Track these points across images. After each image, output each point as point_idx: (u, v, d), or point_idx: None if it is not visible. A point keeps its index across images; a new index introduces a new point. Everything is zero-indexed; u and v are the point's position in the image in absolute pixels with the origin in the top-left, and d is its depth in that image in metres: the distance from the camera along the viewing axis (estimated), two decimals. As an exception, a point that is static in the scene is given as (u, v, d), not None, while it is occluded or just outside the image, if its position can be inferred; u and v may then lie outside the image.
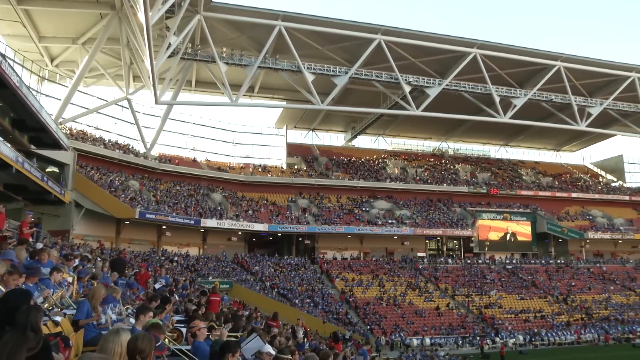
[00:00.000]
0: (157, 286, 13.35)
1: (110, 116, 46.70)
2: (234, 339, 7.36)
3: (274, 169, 55.21)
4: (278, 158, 58.08)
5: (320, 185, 53.41)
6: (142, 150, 46.29)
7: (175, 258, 38.68)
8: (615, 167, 72.18)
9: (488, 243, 55.43)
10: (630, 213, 62.86)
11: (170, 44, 34.55)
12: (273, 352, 6.52)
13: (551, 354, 36.21)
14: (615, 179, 70.86)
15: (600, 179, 70.95)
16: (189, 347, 5.97)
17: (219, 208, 45.35)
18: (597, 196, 62.91)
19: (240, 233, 46.26)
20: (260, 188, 51.47)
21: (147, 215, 37.59)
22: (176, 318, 8.92)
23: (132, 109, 45.46)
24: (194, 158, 52.11)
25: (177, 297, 13.83)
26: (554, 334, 40.51)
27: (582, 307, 45.67)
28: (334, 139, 65.11)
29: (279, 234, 47.78)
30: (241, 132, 58.20)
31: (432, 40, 43.69)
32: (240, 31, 41.11)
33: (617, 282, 52.35)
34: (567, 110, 50.87)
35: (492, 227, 56.04)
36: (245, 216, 45.52)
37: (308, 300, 39.50)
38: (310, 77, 41.51)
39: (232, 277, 39.16)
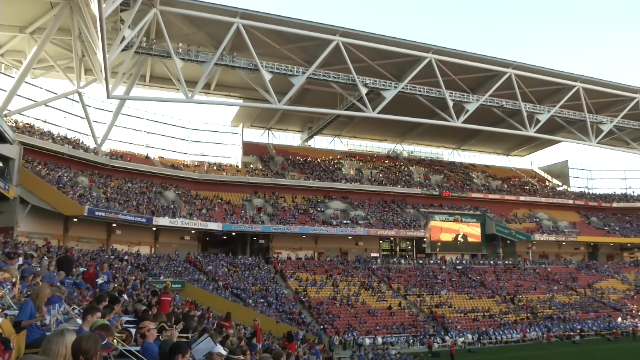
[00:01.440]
0: (99, 281, 13.02)
1: (60, 110, 45.26)
2: (185, 340, 7.27)
3: (229, 168, 54.64)
4: (234, 157, 57.58)
5: (275, 184, 53.26)
6: (92, 145, 44.93)
7: (126, 257, 37.64)
8: (561, 172, 75.51)
9: (439, 244, 56.60)
10: (574, 216, 65.63)
11: (124, 37, 33.68)
12: (224, 353, 6.47)
13: (498, 351, 37.36)
14: (560, 184, 73.98)
15: (547, 183, 73.84)
16: (138, 348, 5.85)
17: (172, 206, 44.54)
18: (543, 200, 65.46)
19: (193, 232, 45.59)
20: (214, 187, 50.86)
21: (97, 213, 36.48)
22: (125, 318, 8.73)
23: (83, 103, 44.12)
24: (147, 155, 50.97)
25: (126, 297, 13.53)
26: (501, 333, 41.79)
27: (528, 306, 47.34)
28: (291, 138, 65.16)
29: (233, 234, 47.31)
30: (196, 130, 57.52)
31: (389, 44, 44.27)
32: (197, 27, 40.48)
33: (561, 282, 54.56)
34: (517, 116, 52.68)
35: (443, 228, 57.22)
36: (198, 215, 44.89)
37: (262, 300, 39.32)
38: (267, 76, 41.35)
39: (185, 277, 38.54)
